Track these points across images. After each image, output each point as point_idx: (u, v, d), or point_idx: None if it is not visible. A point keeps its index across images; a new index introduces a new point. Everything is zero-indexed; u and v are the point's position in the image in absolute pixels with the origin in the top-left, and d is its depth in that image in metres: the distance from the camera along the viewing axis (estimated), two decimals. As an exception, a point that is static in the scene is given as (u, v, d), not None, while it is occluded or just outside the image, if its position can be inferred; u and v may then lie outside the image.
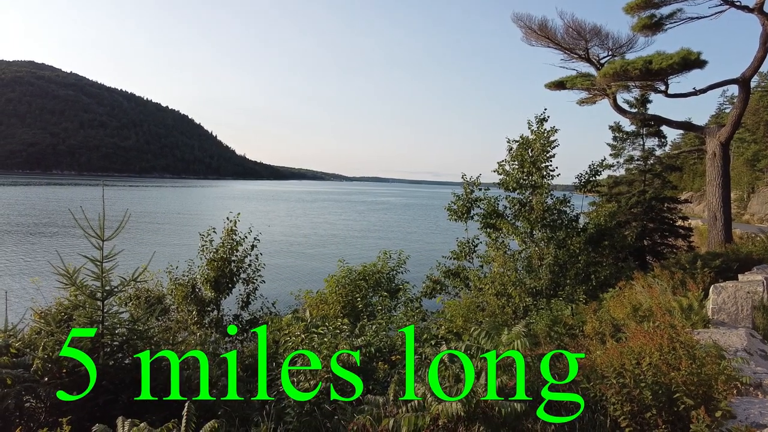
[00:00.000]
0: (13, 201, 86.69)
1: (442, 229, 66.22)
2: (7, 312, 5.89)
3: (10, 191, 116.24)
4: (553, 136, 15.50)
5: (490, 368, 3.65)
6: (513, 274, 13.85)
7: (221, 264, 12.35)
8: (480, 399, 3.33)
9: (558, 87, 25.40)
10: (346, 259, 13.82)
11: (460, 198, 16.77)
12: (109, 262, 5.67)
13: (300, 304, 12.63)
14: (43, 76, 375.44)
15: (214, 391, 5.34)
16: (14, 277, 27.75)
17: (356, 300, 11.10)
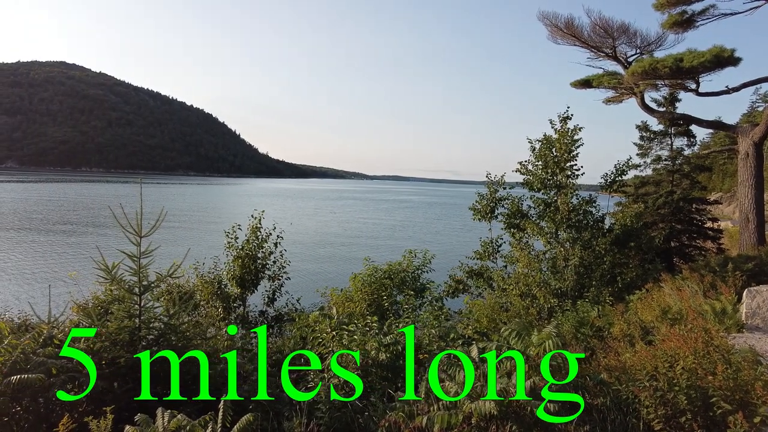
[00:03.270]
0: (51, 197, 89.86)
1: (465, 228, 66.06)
2: (50, 305, 6.13)
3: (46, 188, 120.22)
4: (578, 134, 15.30)
5: (519, 368, 3.67)
6: (538, 274, 13.75)
7: (247, 261, 12.57)
8: (513, 398, 3.36)
9: (584, 86, 25.04)
10: (372, 257, 13.91)
11: (484, 197, 16.68)
12: (146, 258, 5.85)
13: (325, 302, 12.77)
14: (73, 76, 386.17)
15: (245, 387, 5.46)
16: (55, 271, 28.68)
17: (382, 298, 11.18)
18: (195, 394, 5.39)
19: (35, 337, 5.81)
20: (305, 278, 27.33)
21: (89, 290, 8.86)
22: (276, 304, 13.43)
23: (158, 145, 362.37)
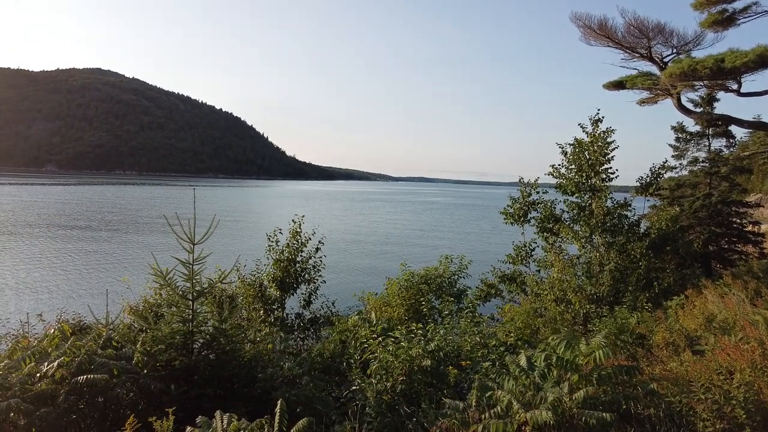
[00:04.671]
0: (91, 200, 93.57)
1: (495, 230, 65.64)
2: (107, 308, 6.44)
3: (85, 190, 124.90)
4: (611, 137, 15.06)
5: (574, 378, 3.71)
6: (573, 279, 13.60)
7: (287, 264, 12.84)
8: (568, 408, 3.41)
9: (617, 87, 24.60)
10: (404, 260, 13.99)
11: (516, 201, 16.54)
12: (198, 264, 6.09)
13: (362, 306, 12.93)
14: (108, 82, 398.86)
15: (293, 391, 5.63)
16: (108, 275, 29.79)
17: (420, 304, 11.26)
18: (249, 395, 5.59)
19: (96, 339, 6.13)
20: (339, 281, 27.67)
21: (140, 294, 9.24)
22: (312, 306, 13.67)
23: (189, 148, 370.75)
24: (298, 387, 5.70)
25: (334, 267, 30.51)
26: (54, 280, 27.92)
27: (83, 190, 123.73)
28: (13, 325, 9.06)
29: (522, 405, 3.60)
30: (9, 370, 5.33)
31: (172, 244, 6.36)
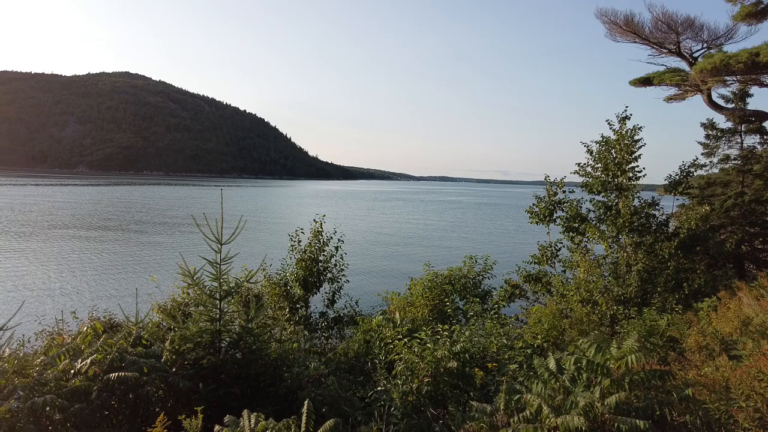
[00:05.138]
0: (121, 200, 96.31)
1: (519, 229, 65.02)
2: (137, 307, 6.57)
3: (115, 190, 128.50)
4: (638, 134, 14.72)
5: (605, 382, 3.62)
6: (599, 280, 13.34)
7: (309, 264, 12.94)
8: (600, 414, 3.33)
9: (643, 84, 24.06)
10: (427, 259, 13.90)
11: (542, 200, 16.30)
12: (225, 264, 6.17)
13: (385, 305, 12.93)
14: (136, 85, 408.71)
15: (318, 390, 5.65)
16: (137, 274, 30.55)
17: (444, 304, 11.18)
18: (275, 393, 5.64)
19: (126, 337, 6.26)
20: (362, 280, 27.76)
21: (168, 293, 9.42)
22: (336, 305, 13.75)
23: (214, 149, 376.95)
24: (324, 387, 5.72)
25: (358, 266, 30.66)
26: (86, 279, 28.72)
27: (113, 191, 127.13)
28: (48, 322, 9.36)
29: (552, 409, 3.53)
30: (45, 366, 5.49)
31: (199, 244, 6.47)
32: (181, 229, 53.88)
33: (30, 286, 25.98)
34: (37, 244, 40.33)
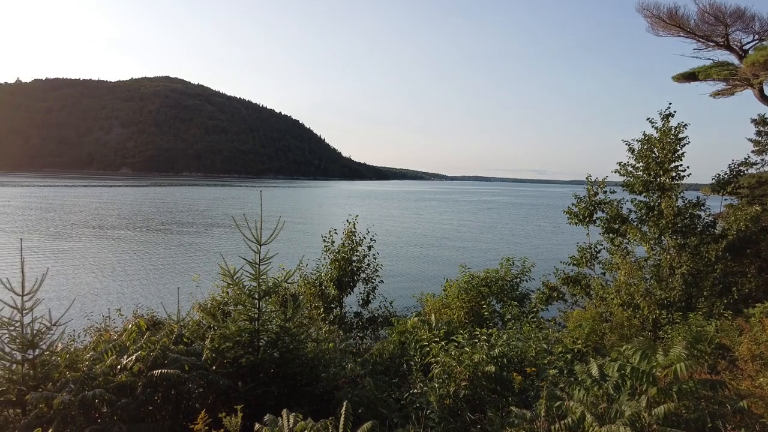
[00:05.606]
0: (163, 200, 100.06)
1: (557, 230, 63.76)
2: (179, 305, 6.76)
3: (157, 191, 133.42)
4: (682, 132, 14.15)
5: (652, 391, 3.49)
6: (641, 283, 12.91)
7: (343, 264, 13.05)
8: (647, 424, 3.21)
9: (688, 79, 23.15)
10: (463, 260, 13.77)
11: (582, 200, 15.89)
12: (264, 264, 6.28)
13: (419, 306, 12.91)
14: (175, 89, 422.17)
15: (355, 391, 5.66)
16: (179, 272, 31.64)
17: (481, 307, 11.05)
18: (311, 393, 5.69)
19: (168, 335, 6.45)
20: (396, 281, 27.81)
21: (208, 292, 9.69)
22: (370, 306, 13.81)
23: (250, 151, 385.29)
24: (360, 388, 5.73)
25: (392, 267, 30.70)
26: (130, 277, 29.86)
27: (155, 192, 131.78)
28: (96, 319, 9.78)
29: (596, 418, 3.42)
30: (94, 361, 5.73)
31: (238, 244, 6.62)
32: (221, 229, 55.29)
33: (80, 284, 27.24)
34: (86, 243, 42.23)
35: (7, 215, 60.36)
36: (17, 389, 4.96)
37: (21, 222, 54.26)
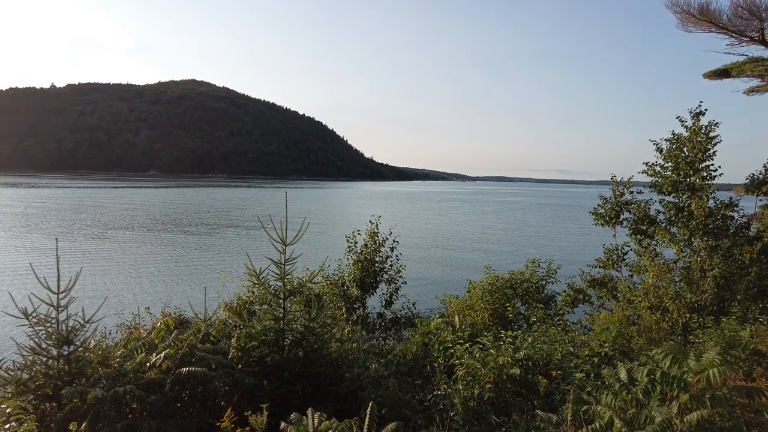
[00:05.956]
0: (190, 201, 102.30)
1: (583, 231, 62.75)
2: (205, 304, 6.89)
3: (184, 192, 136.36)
4: (714, 131, 13.76)
5: (683, 398, 3.40)
6: (670, 286, 12.60)
7: (366, 264, 13.10)
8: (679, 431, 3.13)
9: (720, 76, 22.50)
10: (487, 262, 13.66)
11: (608, 201, 15.61)
12: (289, 264, 6.35)
13: (442, 308, 12.87)
14: (201, 92, 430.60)
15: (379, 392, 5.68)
16: (206, 272, 32.27)
17: (506, 309, 10.95)
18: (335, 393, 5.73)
19: (195, 333, 6.58)
20: (419, 282, 27.76)
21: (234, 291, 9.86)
22: (393, 307, 13.83)
23: (274, 152, 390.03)
24: (384, 388, 5.75)
25: (414, 268, 30.66)
26: (159, 276, 30.57)
27: (182, 193, 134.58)
28: (126, 317, 10.04)
29: (625, 423, 3.36)
30: (124, 358, 5.89)
31: (263, 244, 6.71)
32: (246, 230, 56.09)
33: (111, 283, 28.02)
34: (117, 243, 43.40)
35: (43, 216, 62.46)
36: (53, 384, 5.12)
37: (56, 222, 56.10)
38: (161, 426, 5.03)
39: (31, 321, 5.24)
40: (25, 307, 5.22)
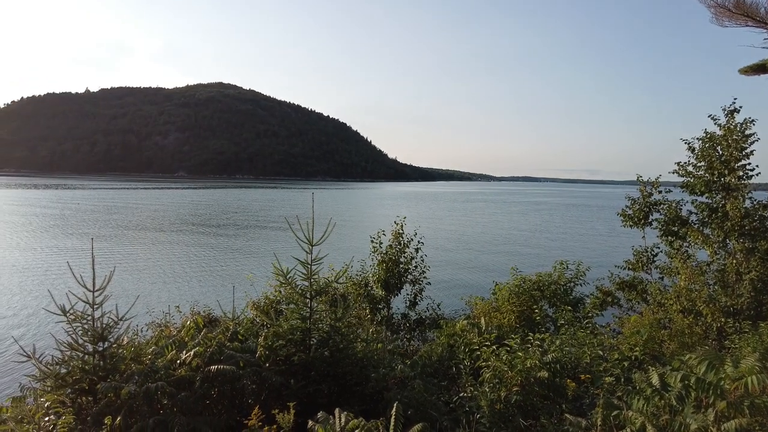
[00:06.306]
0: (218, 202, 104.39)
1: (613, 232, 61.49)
2: (234, 303, 7.00)
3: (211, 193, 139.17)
4: (750, 128, 13.28)
5: (721, 405, 3.30)
6: (703, 289, 12.21)
7: (390, 265, 13.11)
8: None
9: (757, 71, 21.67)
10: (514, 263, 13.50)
11: (636, 202, 15.25)
12: (316, 264, 6.41)
13: (467, 309, 12.78)
14: (228, 94, 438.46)
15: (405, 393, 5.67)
16: (234, 271, 32.86)
17: (533, 311, 10.80)
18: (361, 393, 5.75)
19: (224, 332, 6.70)
20: (444, 283, 27.63)
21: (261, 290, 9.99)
22: (417, 308, 13.80)
23: (299, 154, 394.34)
24: (410, 389, 5.74)
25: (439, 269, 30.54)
26: (189, 275, 31.25)
27: (210, 194, 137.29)
28: (156, 315, 10.29)
29: (657, 429, 3.28)
30: (156, 355, 6.03)
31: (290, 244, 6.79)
32: (273, 231, 56.79)
33: (143, 281, 28.78)
34: (148, 243, 44.56)
35: (79, 217, 64.61)
36: (89, 378, 5.29)
37: (90, 223, 57.94)
38: (191, 422, 5.13)
39: (69, 318, 5.43)
40: (63, 304, 5.40)
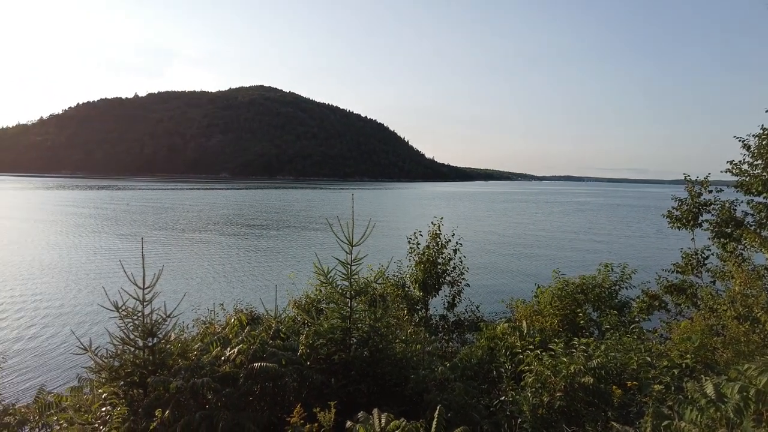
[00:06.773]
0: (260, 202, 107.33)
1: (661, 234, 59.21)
2: (276, 302, 7.15)
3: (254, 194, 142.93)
4: None
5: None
6: (761, 294, 11.56)
7: (428, 266, 13.04)
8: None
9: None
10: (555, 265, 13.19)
11: (683, 202, 14.59)
12: (356, 264, 6.47)
13: (508, 312, 12.58)
14: (269, 97, 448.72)
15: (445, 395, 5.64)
16: (276, 270, 33.68)
17: (576, 315, 10.51)
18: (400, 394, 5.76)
19: (267, 330, 6.86)
20: (483, 285, 27.34)
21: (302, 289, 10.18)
22: (456, 309, 13.68)
23: (338, 155, 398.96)
24: (450, 391, 5.71)
25: (478, 270, 30.21)
26: (233, 273, 32.19)
27: (252, 194, 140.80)
28: (202, 312, 10.64)
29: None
30: (201, 352, 6.24)
31: (331, 244, 6.88)
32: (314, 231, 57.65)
33: (189, 279, 29.84)
34: (194, 242, 46.22)
35: (129, 217, 67.56)
36: (140, 372, 5.52)
37: (139, 223, 60.50)
38: (236, 418, 5.27)
39: (121, 314, 5.68)
40: (116, 300, 5.66)
